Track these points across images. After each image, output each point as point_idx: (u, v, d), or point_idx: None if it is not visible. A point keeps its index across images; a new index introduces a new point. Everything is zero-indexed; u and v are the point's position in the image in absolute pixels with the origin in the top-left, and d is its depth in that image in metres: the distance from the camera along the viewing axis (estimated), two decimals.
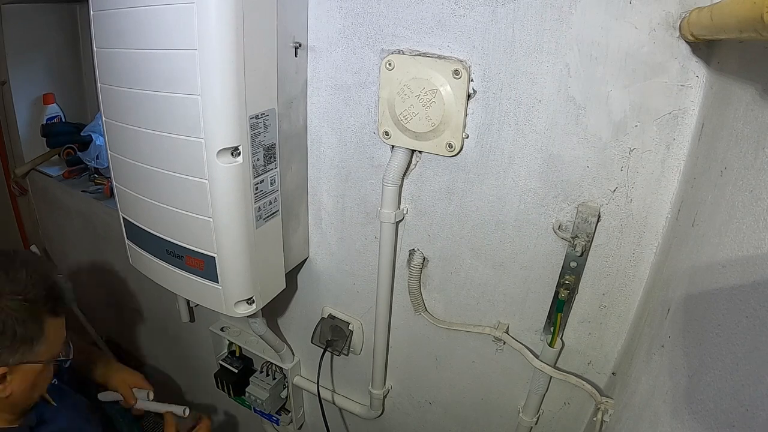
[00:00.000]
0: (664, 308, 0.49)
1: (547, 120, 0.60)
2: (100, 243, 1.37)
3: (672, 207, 0.57)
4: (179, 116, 0.61)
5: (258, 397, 1.06)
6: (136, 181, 0.73)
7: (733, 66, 0.44)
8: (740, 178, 0.37)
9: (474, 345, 0.81)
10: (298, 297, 1.00)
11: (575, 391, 0.73)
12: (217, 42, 0.56)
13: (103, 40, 0.67)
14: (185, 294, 0.78)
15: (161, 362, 1.55)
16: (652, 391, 0.47)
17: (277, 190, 0.73)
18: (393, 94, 0.67)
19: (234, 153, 0.62)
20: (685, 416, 0.38)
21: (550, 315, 0.70)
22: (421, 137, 0.67)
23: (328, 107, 0.76)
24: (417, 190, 0.74)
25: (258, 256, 0.71)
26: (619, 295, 0.65)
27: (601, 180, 0.60)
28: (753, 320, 0.31)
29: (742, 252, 0.34)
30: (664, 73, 0.52)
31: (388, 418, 1.01)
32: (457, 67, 0.61)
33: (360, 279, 0.88)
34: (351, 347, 0.95)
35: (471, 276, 0.75)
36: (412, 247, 0.79)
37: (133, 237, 0.80)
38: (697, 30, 0.44)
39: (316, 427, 1.18)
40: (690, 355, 0.40)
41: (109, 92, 0.70)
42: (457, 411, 0.90)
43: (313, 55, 0.74)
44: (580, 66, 0.56)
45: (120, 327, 1.59)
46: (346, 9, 0.68)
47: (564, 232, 0.64)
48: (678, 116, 0.53)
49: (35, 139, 1.45)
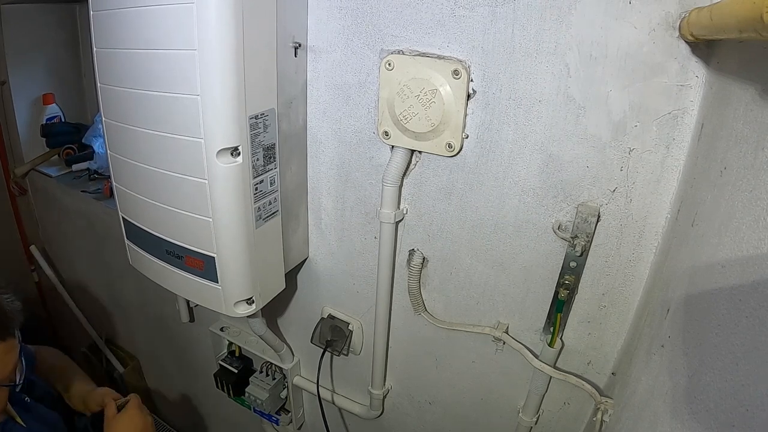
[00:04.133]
0: (663, 308, 0.49)
1: (547, 120, 0.60)
2: (100, 243, 1.37)
3: (672, 207, 0.57)
4: (179, 116, 0.61)
5: (258, 397, 1.06)
6: (135, 182, 0.73)
7: (732, 66, 0.44)
8: (740, 178, 0.37)
9: (474, 345, 0.81)
10: (297, 297, 1.00)
11: (575, 391, 0.73)
12: (217, 42, 0.56)
13: (103, 40, 0.67)
14: (185, 294, 0.78)
15: (161, 362, 1.55)
16: (651, 391, 0.47)
17: (276, 191, 0.73)
18: (393, 94, 0.67)
19: (234, 153, 0.62)
20: (685, 416, 0.38)
21: (550, 315, 0.70)
22: (420, 137, 0.67)
23: (328, 107, 0.76)
24: (417, 190, 0.74)
25: (258, 256, 0.71)
26: (618, 295, 0.65)
27: (601, 180, 0.60)
28: (753, 320, 0.31)
29: (742, 252, 0.34)
30: (664, 73, 0.52)
31: (388, 418, 1.01)
32: (457, 67, 0.61)
33: (360, 279, 0.88)
34: (351, 347, 0.95)
35: (471, 276, 0.75)
36: (411, 247, 0.79)
37: (133, 237, 0.80)
38: (697, 30, 0.44)
39: (315, 427, 1.18)
40: (690, 355, 0.40)
41: (108, 92, 0.70)
42: (456, 411, 0.90)
43: (313, 55, 0.74)
44: (579, 66, 0.56)
45: (120, 327, 1.59)
46: (345, 9, 0.68)
47: (564, 232, 0.64)
48: (678, 116, 0.53)
49: (35, 139, 1.45)
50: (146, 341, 1.54)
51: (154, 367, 1.60)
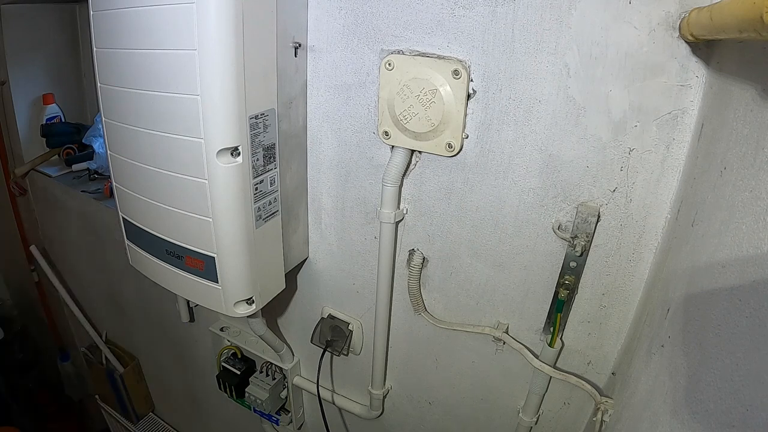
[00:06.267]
0: (663, 308, 0.49)
1: (547, 120, 0.60)
2: (100, 243, 1.37)
3: (672, 207, 0.57)
4: (179, 116, 0.61)
5: (258, 397, 1.06)
6: (135, 182, 0.73)
7: (732, 66, 0.44)
8: (740, 178, 0.37)
9: (474, 345, 0.81)
10: (297, 297, 1.00)
11: (575, 391, 0.73)
12: (217, 42, 0.56)
13: (103, 40, 0.67)
14: (185, 294, 0.78)
15: (161, 362, 1.55)
16: (652, 391, 0.47)
17: (276, 191, 0.73)
18: (393, 94, 0.67)
19: (234, 153, 0.62)
20: (685, 416, 0.38)
21: (550, 315, 0.70)
22: (420, 137, 0.67)
23: (328, 107, 0.76)
24: (417, 190, 0.74)
25: (258, 256, 0.71)
26: (618, 295, 0.65)
27: (601, 180, 0.60)
28: (753, 320, 0.31)
29: (742, 252, 0.34)
30: (664, 73, 0.52)
31: (388, 419, 1.01)
32: (457, 67, 0.61)
33: (360, 279, 0.88)
34: (351, 347, 0.95)
35: (471, 276, 0.75)
36: (411, 247, 0.79)
37: (133, 237, 0.80)
38: (697, 30, 0.44)
39: (315, 427, 1.18)
40: (690, 355, 0.40)
41: (108, 92, 0.70)
42: (456, 411, 0.90)
43: (313, 55, 0.74)
44: (579, 66, 0.56)
45: (120, 327, 1.59)
46: (345, 9, 0.68)
47: (564, 232, 0.64)
48: (678, 116, 0.53)
49: (35, 139, 1.45)
50: (146, 341, 1.54)
51: (153, 367, 1.60)
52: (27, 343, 2.05)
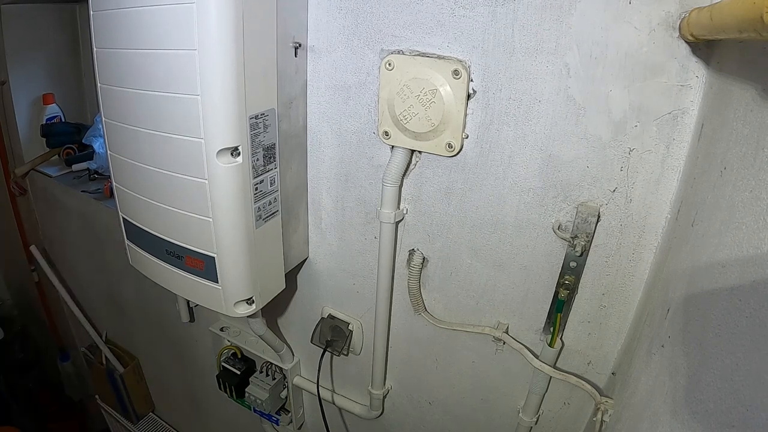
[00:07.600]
0: (664, 308, 0.49)
1: (547, 120, 0.60)
2: (100, 243, 1.37)
3: (672, 207, 0.57)
4: (179, 116, 0.61)
5: (258, 397, 1.06)
6: (135, 182, 0.73)
7: (732, 66, 0.44)
8: (740, 178, 0.37)
9: (474, 345, 0.81)
10: (297, 297, 1.00)
11: (575, 391, 0.73)
12: (217, 42, 0.56)
13: (103, 40, 0.67)
14: (185, 294, 0.78)
15: (161, 362, 1.55)
16: (652, 391, 0.47)
17: (276, 191, 0.73)
18: (393, 94, 0.67)
19: (234, 153, 0.62)
20: (685, 416, 0.38)
21: (550, 315, 0.70)
22: (420, 137, 0.67)
23: (328, 107, 0.76)
24: (417, 190, 0.74)
25: (258, 256, 0.71)
26: (618, 295, 0.65)
27: (601, 180, 0.60)
28: (753, 320, 0.31)
29: (742, 252, 0.34)
30: (664, 74, 0.52)
31: (388, 419, 1.01)
32: (457, 67, 0.61)
33: (360, 279, 0.88)
34: (351, 347, 0.95)
35: (471, 276, 0.75)
36: (411, 247, 0.79)
37: (133, 237, 0.80)
38: (697, 30, 0.44)
39: (315, 427, 1.18)
40: (690, 355, 0.40)
41: (108, 92, 0.70)
42: (456, 411, 0.90)
43: (313, 55, 0.74)
44: (579, 66, 0.56)
45: (120, 327, 1.59)
46: (345, 9, 0.68)
47: (564, 232, 0.64)
48: (678, 116, 0.53)
49: (35, 139, 1.45)
50: (146, 341, 1.54)
51: (153, 367, 1.60)
52: (27, 343, 2.06)
